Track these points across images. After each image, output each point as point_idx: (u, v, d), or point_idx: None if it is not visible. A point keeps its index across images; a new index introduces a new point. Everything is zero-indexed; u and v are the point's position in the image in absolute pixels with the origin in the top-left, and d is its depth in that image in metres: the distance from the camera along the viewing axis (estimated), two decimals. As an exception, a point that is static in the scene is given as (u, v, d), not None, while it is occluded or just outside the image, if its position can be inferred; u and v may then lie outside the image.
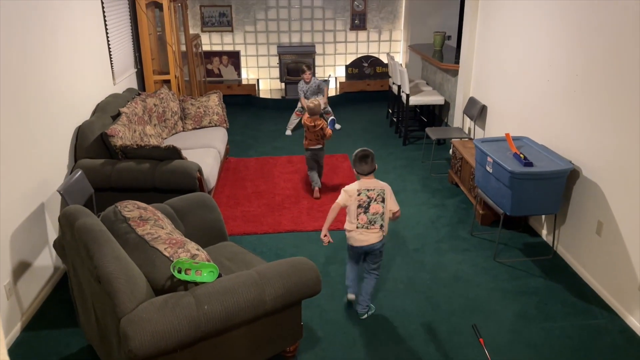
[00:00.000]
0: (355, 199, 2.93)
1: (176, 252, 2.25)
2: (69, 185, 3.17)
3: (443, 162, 5.51)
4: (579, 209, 3.44)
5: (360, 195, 2.93)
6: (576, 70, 3.39)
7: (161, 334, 1.99)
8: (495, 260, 3.64)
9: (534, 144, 3.73)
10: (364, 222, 2.94)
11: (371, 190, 2.94)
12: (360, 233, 2.95)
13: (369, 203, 2.92)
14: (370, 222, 2.94)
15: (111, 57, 4.75)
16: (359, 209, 2.93)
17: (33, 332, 2.95)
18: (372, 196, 2.93)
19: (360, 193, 2.93)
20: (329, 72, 8.45)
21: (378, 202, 2.93)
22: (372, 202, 2.93)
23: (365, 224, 2.94)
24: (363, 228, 2.94)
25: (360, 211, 2.93)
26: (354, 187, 2.95)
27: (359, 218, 2.93)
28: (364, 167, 2.94)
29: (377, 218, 2.93)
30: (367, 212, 2.93)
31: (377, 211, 2.93)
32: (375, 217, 2.93)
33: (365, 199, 2.92)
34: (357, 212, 2.93)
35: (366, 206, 2.93)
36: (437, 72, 6.71)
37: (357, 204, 2.92)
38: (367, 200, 2.92)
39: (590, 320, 3.03)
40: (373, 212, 2.93)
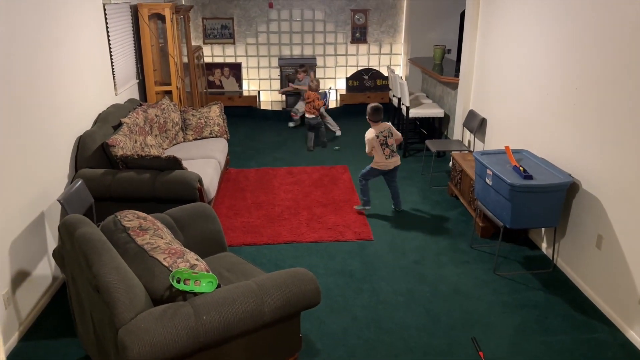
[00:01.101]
0: (377, 140, 4.33)
1: (175, 262, 2.25)
2: (69, 195, 3.17)
3: (443, 174, 5.52)
4: (579, 222, 3.44)
5: (379, 137, 4.33)
6: (575, 83, 3.41)
7: (159, 344, 1.98)
8: (495, 273, 3.63)
9: (534, 157, 3.74)
10: (388, 153, 4.36)
11: (383, 131, 4.35)
12: (389, 159, 4.40)
13: (386, 139, 4.34)
14: (392, 151, 4.38)
15: (113, 67, 4.78)
16: (382, 146, 4.34)
17: (31, 342, 2.93)
18: (386, 134, 4.35)
19: (378, 136, 4.33)
20: (329, 84, 8.50)
21: (389, 137, 4.37)
22: (388, 138, 4.35)
23: (389, 154, 4.37)
24: (390, 157, 4.38)
25: (383, 146, 4.34)
26: (373, 132, 4.35)
27: (385, 151, 4.35)
28: (378, 116, 4.39)
29: (394, 147, 4.40)
30: (388, 145, 4.36)
31: (392, 142, 4.37)
32: (392, 146, 4.38)
33: (382, 138, 4.33)
34: (381, 148, 4.34)
35: (385, 142, 4.34)
36: (437, 85, 6.75)
37: (379, 143, 4.33)
38: (384, 138, 4.33)
39: (590, 334, 3.01)
40: (390, 144, 4.37)
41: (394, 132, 4.38)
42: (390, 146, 4.31)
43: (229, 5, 8.02)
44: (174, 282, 2.16)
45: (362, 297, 3.37)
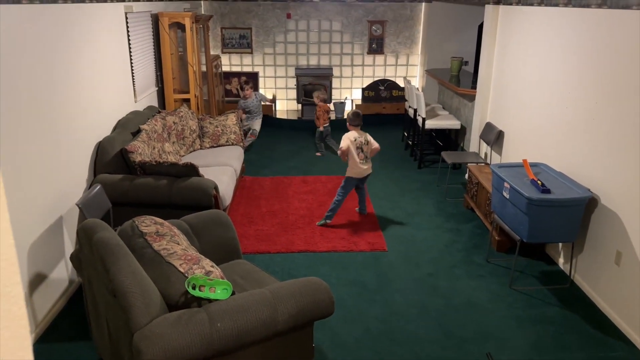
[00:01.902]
0: (353, 143, 4.40)
1: (191, 268, 2.26)
2: (87, 199, 3.22)
3: (458, 186, 5.48)
4: (597, 237, 3.39)
5: (356, 141, 4.40)
6: (594, 97, 3.38)
7: (174, 350, 1.99)
8: (510, 288, 3.59)
9: (552, 171, 3.70)
10: (362, 158, 4.42)
11: (361, 136, 4.44)
12: (363, 165, 4.44)
13: (362, 145, 4.41)
14: (366, 157, 4.44)
15: (133, 75, 4.86)
16: (357, 149, 4.39)
17: (46, 344, 2.97)
18: (362, 141, 4.42)
19: (355, 140, 4.41)
20: (345, 94, 8.53)
21: (365, 144, 4.43)
22: (364, 145, 4.42)
23: (362, 159, 4.43)
24: (364, 163, 4.44)
25: (358, 151, 4.39)
26: (350, 136, 4.42)
27: (359, 155, 4.39)
28: (357, 121, 4.45)
29: (368, 154, 4.46)
30: (363, 151, 4.41)
31: (367, 150, 4.43)
32: (367, 153, 4.45)
33: (359, 143, 4.41)
34: (356, 151, 4.38)
35: (360, 147, 4.40)
36: (454, 96, 6.73)
37: (355, 147, 4.39)
38: (360, 144, 4.41)
39: (607, 352, 2.96)
40: (365, 150, 4.43)
41: (371, 141, 4.44)
42: (365, 152, 4.40)
43: (248, 16, 8.12)
44: (189, 288, 2.17)
45: (375, 308, 3.35)
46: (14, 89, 2.80)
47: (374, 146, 4.44)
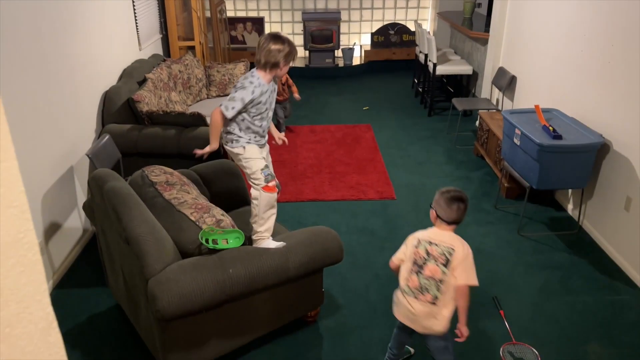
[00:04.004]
0: (412, 251, 2.15)
1: (202, 216, 2.29)
2: (97, 150, 3.23)
3: (469, 134, 5.42)
4: (608, 183, 3.37)
5: (418, 248, 2.13)
6: (612, 40, 3.26)
7: (188, 295, 2.04)
8: (519, 234, 3.61)
9: (564, 117, 3.63)
10: (414, 285, 2.12)
11: (434, 245, 2.10)
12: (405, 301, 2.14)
13: (426, 261, 2.10)
14: (421, 289, 2.10)
15: (137, 22, 4.75)
16: (413, 267, 2.13)
17: (64, 289, 3.06)
18: (434, 253, 2.10)
19: (419, 245, 2.13)
20: (354, 39, 8.32)
21: (438, 264, 2.08)
22: (430, 261, 2.10)
23: (416, 289, 2.11)
24: (409, 294, 2.13)
25: (414, 269, 2.12)
26: (419, 234, 2.18)
27: (410, 278, 2.14)
28: (450, 213, 2.11)
29: (432, 286, 2.08)
30: (421, 274, 2.11)
31: (434, 275, 2.08)
32: (429, 283, 2.08)
33: (422, 255, 2.11)
34: (410, 269, 2.14)
35: (421, 265, 2.11)
36: (466, 40, 6.54)
37: (412, 259, 2.14)
38: (425, 257, 2.10)
39: (614, 295, 3.00)
40: (427, 276, 2.09)
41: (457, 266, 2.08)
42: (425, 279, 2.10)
43: (252, -43, 7.81)
44: (203, 241, 2.21)
45: (384, 255, 3.40)
46: (16, 39, 2.75)
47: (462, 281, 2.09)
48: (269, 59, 2.50)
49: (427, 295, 2.08)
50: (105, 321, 2.82)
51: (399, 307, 2.19)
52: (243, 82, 2.52)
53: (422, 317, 2.11)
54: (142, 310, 2.30)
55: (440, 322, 2.11)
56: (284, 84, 5.21)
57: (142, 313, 2.32)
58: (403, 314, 2.17)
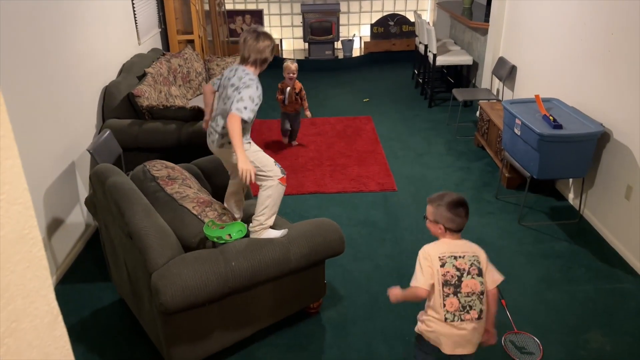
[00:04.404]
0: (438, 271, 1.91)
1: (204, 210, 2.30)
2: (98, 145, 3.24)
3: (469, 124, 5.42)
4: (608, 172, 3.37)
5: (445, 267, 1.91)
6: (611, 29, 3.25)
7: (191, 288, 2.06)
8: (520, 224, 3.62)
9: (564, 106, 3.63)
10: (454, 308, 1.90)
11: (460, 257, 1.92)
12: (453, 328, 1.91)
13: (460, 278, 1.90)
14: (464, 309, 1.90)
15: (136, 16, 4.73)
16: (445, 289, 1.90)
17: (67, 285, 3.08)
18: (464, 267, 1.92)
19: (444, 263, 1.91)
20: (353, 31, 8.28)
21: (473, 276, 1.91)
22: (465, 277, 1.90)
23: (458, 311, 1.90)
24: (455, 319, 1.90)
25: (448, 291, 1.90)
26: (434, 251, 1.94)
27: (446, 303, 1.90)
28: (458, 220, 1.97)
29: (475, 301, 1.91)
30: (459, 293, 1.90)
31: (474, 290, 1.90)
32: (471, 299, 1.90)
33: (453, 272, 1.91)
34: (442, 293, 1.90)
35: (456, 283, 1.90)
36: (466, 30, 6.51)
37: (441, 281, 1.90)
38: (458, 273, 1.91)
39: (614, 284, 3.01)
40: (467, 292, 1.90)
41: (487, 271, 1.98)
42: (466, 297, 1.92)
43: (250, -51, 7.77)
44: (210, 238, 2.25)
45: (385, 247, 3.41)
46: (15, 35, 2.75)
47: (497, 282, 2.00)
48: (259, 55, 2.53)
49: (472, 312, 1.90)
50: (109, 315, 2.84)
51: (446, 339, 1.93)
52: (245, 80, 2.47)
53: (474, 336, 1.94)
54: (145, 304, 2.32)
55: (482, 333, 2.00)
56: (298, 94, 4.75)
57: (145, 307, 2.34)
58: (453, 343, 1.92)
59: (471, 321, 1.91)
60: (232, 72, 2.57)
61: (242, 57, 2.55)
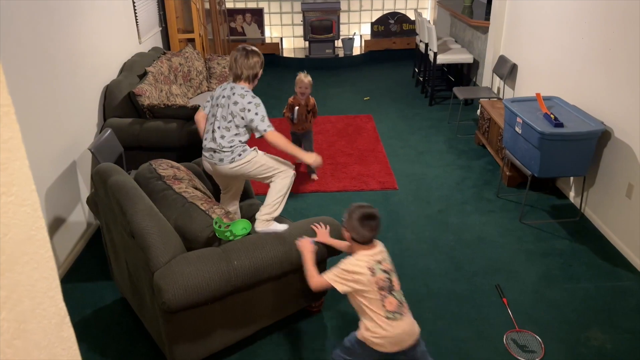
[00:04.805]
0: (371, 281, 1.99)
1: (211, 207, 2.32)
2: (99, 144, 3.24)
3: (470, 122, 5.42)
4: (609, 170, 3.37)
5: (375, 275, 2.00)
6: (612, 27, 3.25)
7: (193, 287, 2.06)
8: (520, 222, 3.63)
9: (565, 104, 3.63)
10: (394, 307, 2.01)
11: (383, 260, 2.06)
12: (395, 327, 2.00)
13: (390, 278, 2.04)
14: (400, 304, 2.04)
15: (136, 15, 4.73)
16: (382, 292, 2.00)
17: (69, 284, 3.09)
18: (388, 268, 2.06)
19: (374, 272, 2.00)
20: (353, 29, 8.28)
21: (394, 272, 2.09)
22: (392, 275, 2.05)
23: (397, 308, 2.02)
24: (396, 319, 2.01)
25: (384, 293, 2.00)
26: (361, 264, 2.01)
27: (386, 303, 2.00)
28: (369, 235, 2.03)
29: (401, 294, 2.08)
30: (393, 291, 2.03)
31: (399, 284, 2.08)
32: (400, 293, 2.07)
33: (384, 277, 2.02)
34: (380, 296, 2.00)
35: (389, 285, 2.02)
36: (467, 29, 6.51)
37: (377, 288, 2.00)
38: (387, 276, 2.03)
39: (615, 282, 3.02)
40: (398, 288, 2.06)
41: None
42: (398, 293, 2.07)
43: (250, -53, 7.76)
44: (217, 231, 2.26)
45: (387, 245, 3.35)
46: (15, 34, 2.75)
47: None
48: (251, 71, 2.70)
49: (405, 304, 2.07)
50: (111, 314, 2.85)
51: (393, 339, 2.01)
52: (252, 99, 2.67)
53: (414, 326, 2.08)
54: (147, 303, 2.33)
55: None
56: (309, 112, 4.19)
57: (147, 305, 2.34)
58: (400, 340, 2.03)
59: (407, 313, 2.07)
60: (228, 90, 2.70)
61: (236, 75, 2.71)
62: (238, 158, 2.66)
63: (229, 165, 2.67)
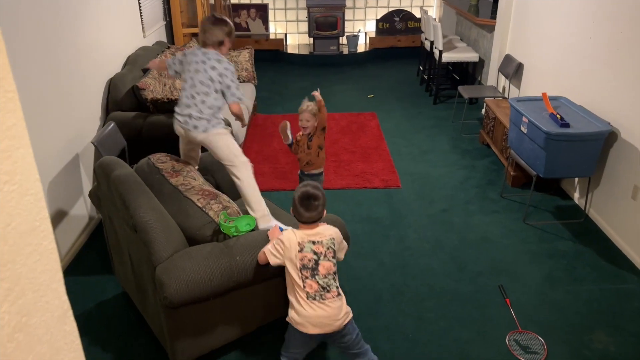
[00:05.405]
0: (297, 256, 2.02)
1: (208, 203, 2.29)
2: (102, 137, 3.22)
3: (474, 122, 5.39)
4: (615, 172, 3.35)
5: (303, 252, 2.02)
6: (621, 27, 3.22)
7: (195, 282, 2.05)
8: (524, 223, 3.60)
9: (572, 105, 3.60)
10: (314, 290, 2.02)
11: (318, 242, 2.04)
12: (314, 309, 2.01)
13: (317, 261, 2.03)
14: (323, 289, 2.03)
15: (141, 9, 4.71)
16: (303, 272, 2.02)
17: (70, 277, 3.08)
18: (321, 251, 2.04)
19: (303, 248, 2.03)
20: (358, 26, 8.24)
21: (329, 258, 2.05)
22: (322, 259, 2.04)
23: (317, 292, 2.02)
24: (316, 300, 2.01)
25: (306, 274, 2.02)
26: (293, 237, 2.04)
27: (306, 285, 2.01)
28: (305, 214, 2.04)
29: (331, 280, 2.05)
30: (317, 275, 2.02)
31: (330, 270, 2.04)
32: (328, 279, 2.04)
33: (311, 257, 2.02)
34: (301, 276, 2.02)
35: (313, 267, 2.02)
36: (472, 27, 6.48)
37: (299, 265, 2.02)
38: (315, 258, 2.03)
39: (619, 284, 3.00)
40: (325, 274, 2.03)
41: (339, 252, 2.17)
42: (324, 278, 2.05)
43: (256, -57, 7.72)
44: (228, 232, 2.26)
45: (389, 244, 3.40)
46: (19, 28, 2.73)
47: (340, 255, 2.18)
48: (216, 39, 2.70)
49: (332, 291, 2.05)
50: (112, 308, 2.83)
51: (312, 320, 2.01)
52: (228, 66, 2.70)
53: (340, 313, 2.06)
54: (149, 297, 2.31)
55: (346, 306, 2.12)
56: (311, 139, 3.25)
57: (149, 300, 2.33)
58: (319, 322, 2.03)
59: (333, 299, 2.04)
60: (201, 55, 2.68)
61: (204, 42, 2.72)
62: (212, 129, 2.69)
63: (203, 134, 2.69)
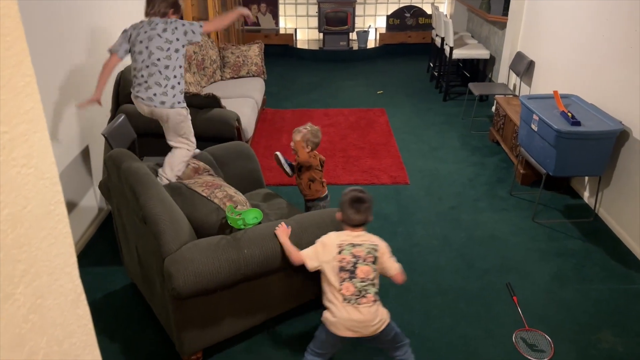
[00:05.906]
0: (335, 258, 2.05)
1: (213, 192, 2.31)
2: (112, 129, 3.24)
3: (484, 119, 5.36)
4: (626, 171, 3.32)
5: (342, 254, 2.06)
6: (635, 25, 3.18)
7: (203, 274, 2.06)
8: (533, 221, 3.58)
9: (583, 103, 3.57)
10: (350, 293, 2.02)
11: (358, 245, 2.07)
12: (349, 312, 2.01)
13: (356, 264, 2.04)
14: (360, 292, 2.02)
15: (152, 2, 4.72)
16: (341, 274, 2.03)
17: (80, 268, 3.08)
18: (360, 254, 2.06)
19: (342, 250, 2.06)
20: (369, 22, 8.22)
21: (368, 263, 2.06)
22: (360, 263, 2.05)
23: (353, 295, 2.02)
24: (351, 303, 2.01)
25: (344, 276, 2.03)
26: (334, 239, 2.10)
27: (343, 287, 2.03)
28: (354, 216, 2.10)
29: (368, 285, 2.05)
30: (354, 278, 2.03)
31: (368, 275, 2.05)
32: (365, 284, 2.04)
33: (350, 259, 2.05)
34: (339, 278, 2.04)
35: (351, 269, 2.04)
36: (484, 24, 6.43)
37: (337, 267, 2.04)
38: (353, 260, 2.05)
39: (628, 284, 2.98)
40: (362, 278, 2.04)
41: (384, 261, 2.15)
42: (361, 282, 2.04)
43: (267, -63, 7.71)
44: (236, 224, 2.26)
45: (397, 240, 3.39)
46: (32, 19, 2.75)
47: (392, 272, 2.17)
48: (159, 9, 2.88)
49: (368, 296, 2.04)
50: (121, 299, 2.86)
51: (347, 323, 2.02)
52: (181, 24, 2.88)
53: (375, 319, 2.05)
54: (157, 289, 2.33)
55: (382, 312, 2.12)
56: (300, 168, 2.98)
57: (157, 291, 2.34)
58: (352, 326, 2.03)
59: (368, 305, 2.03)
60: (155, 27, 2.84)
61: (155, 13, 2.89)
62: (177, 105, 2.86)
63: (169, 109, 2.83)
